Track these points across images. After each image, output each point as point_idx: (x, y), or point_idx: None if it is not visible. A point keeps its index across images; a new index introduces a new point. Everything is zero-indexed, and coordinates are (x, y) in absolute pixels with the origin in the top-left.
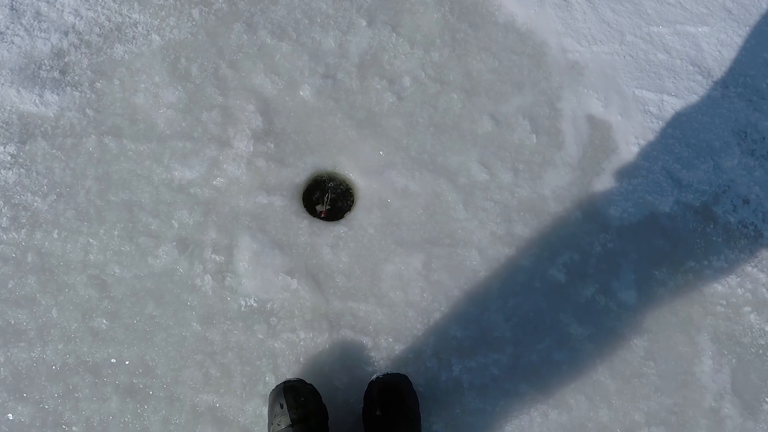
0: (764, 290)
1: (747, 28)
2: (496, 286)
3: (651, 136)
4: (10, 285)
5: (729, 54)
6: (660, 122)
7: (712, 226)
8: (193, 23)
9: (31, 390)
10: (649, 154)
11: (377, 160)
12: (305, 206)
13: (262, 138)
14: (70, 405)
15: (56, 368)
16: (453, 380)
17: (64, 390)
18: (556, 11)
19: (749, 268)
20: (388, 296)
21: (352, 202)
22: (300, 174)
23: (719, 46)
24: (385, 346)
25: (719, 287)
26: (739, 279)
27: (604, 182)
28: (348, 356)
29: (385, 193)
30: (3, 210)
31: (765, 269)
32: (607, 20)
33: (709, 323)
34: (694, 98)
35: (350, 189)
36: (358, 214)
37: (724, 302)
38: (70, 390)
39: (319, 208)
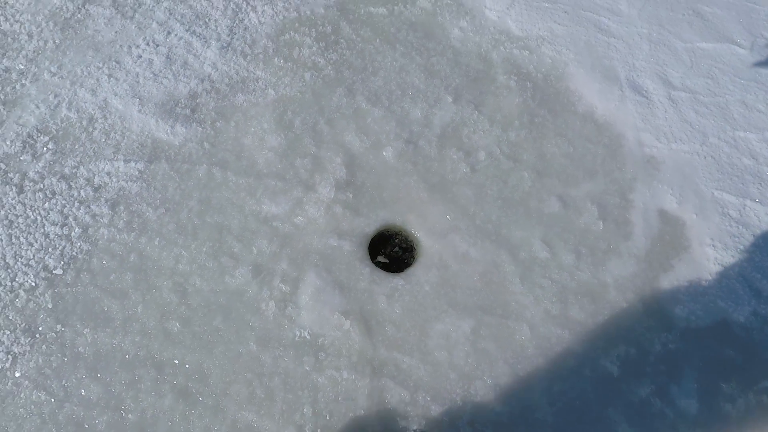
0: None
1: None
2: (544, 366)
3: (729, 240)
4: (111, 277)
5: None
6: (740, 227)
7: None
8: (304, 84)
9: (105, 372)
10: (724, 258)
11: (443, 223)
12: (370, 255)
13: (343, 187)
14: (132, 394)
15: (129, 358)
16: None
17: (131, 379)
18: (636, 107)
19: None
20: (433, 354)
21: (414, 258)
22: (371, 224)
23: None
24: (422, 403)
25: None
26: None
27: (671, 279)
28: (384, 405)
29: (446, 254)
30: (123, 214)
31: None
32: (689, 120)
33: None
34: None
35: (413, 246)
36: (417, 271)
37: None
38: (135, 380)
39: (380, 258)
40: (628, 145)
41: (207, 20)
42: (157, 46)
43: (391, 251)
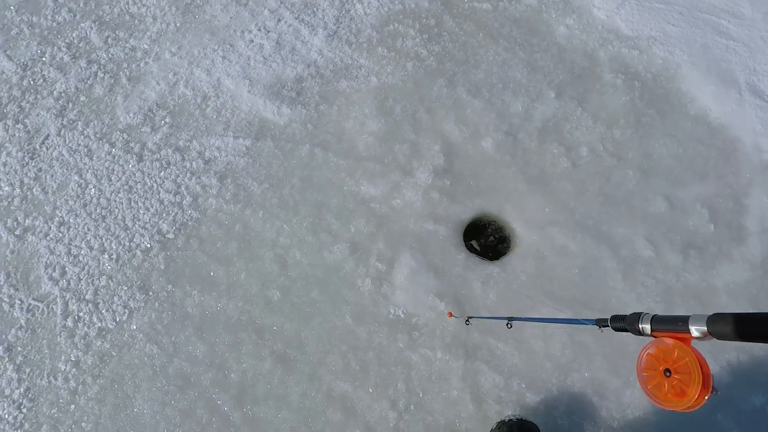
0: None
1: None
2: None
3: None
4: (218, 245)
5: None
6: None
7: None
8: (406, 73)
9: (210, 333)
10: None
11: (541, 215)
12: (465, 241)
13: (440, 174)
14: (234, 355)
15: (233, 321)
16: None
17: (233, 341)
18: (756, 111)
19: None
20: (528, 343)
21: (509, 247)
22: (467, 211)
23: None
24: (517, 389)
25: None
26: None
27: None
28: (478, 388)
29: (543, 246)
30: (230, 187)
31: None
32: None
33: None
34: None
35: (509, 235)
36: (513, 260)
37: None
38: (238, 342)
39: (474, 244)
40: (744, 150)
41: (315, 9)
42: (268, 32)
43: (486, 241)
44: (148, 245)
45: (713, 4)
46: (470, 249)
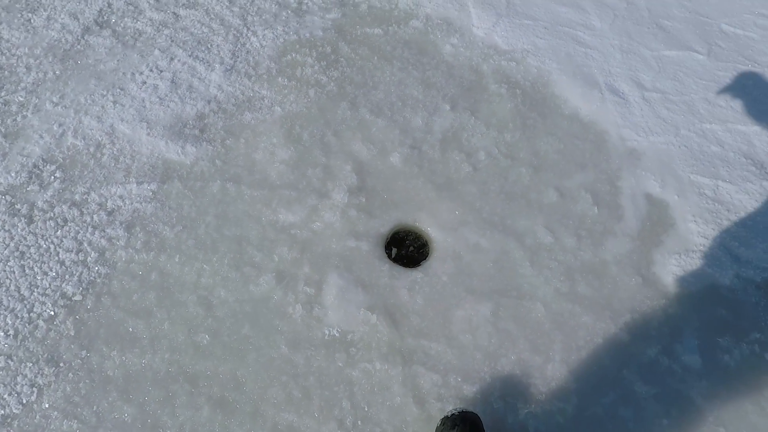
0: None
1: None
2: (560, 339)
3: (708, 216)
4: (134, 298)
5: None
6: (716, 204)
7: None
8: (309, 100)
9: (137, 393)
10: (706, 231)
11: (453, 218)
12: (387, 253)
13: (355, 193)
14: (168, 410)
15: (161, 375)
16: (519, 424)
17: (165, 396)
18: (615, 107)
19: None
20: (457, 338)
21: (428, 252)
22: (385, 224)
23: None
24: (454, 384)
25: None
26: None
27: (663, 253)
28: (419, 391)
29: (458, 247)
30: (139, 235)
31: None
32: (662, 116)
33: None
34: (748, 185)
35: (427, 241)
36: (433, 264)
37: None
38: (170, 396)
39: (393, 253)
40: (611, 140)
41: (209, 45)
42: (161, 71)
43: (407, 252)
44: (52, 312)
45: (570, 18)
46: (394, 260)
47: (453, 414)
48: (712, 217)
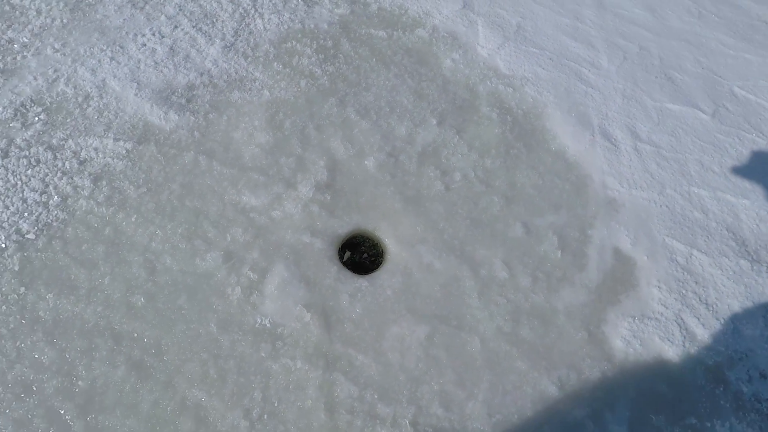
0: None
1: None
2: (488, 378)
3: (673, 284)
4: (83, 247)
5: (767, 230)
6: (685, 273)
7: (722, 388)
8: (299, 89)
9: (62, 339)
10: (667, 300)
11: (413, 234)
12: (339, 255)
13: (322, 189)
14: (86, 362)
15: (88, 327)
16: None
17: (87, 347)
18: (605, 152)
19: None
20: (386, 355)
21: (380, 263)
22: (344, 227)
23: (758, 220)
24: (369, 400)
25: None
26: None
27: (617, 313)
28: (333, 398)
29: (411, 263)
30: (104, 189)
31: None
32: (650, 171)
33: None
34: (724, 261)
35: (382, 252)
36: (382, 275)
37: None
38: (92, 348)
39: (345, 256)
40: (593, 186)
41: (214, 20)
42: (163, 37)
43: (359, 258)
44: (3, 245)
45: (578, 53)
46: (345, 263)
47: None
48: (678, 287)
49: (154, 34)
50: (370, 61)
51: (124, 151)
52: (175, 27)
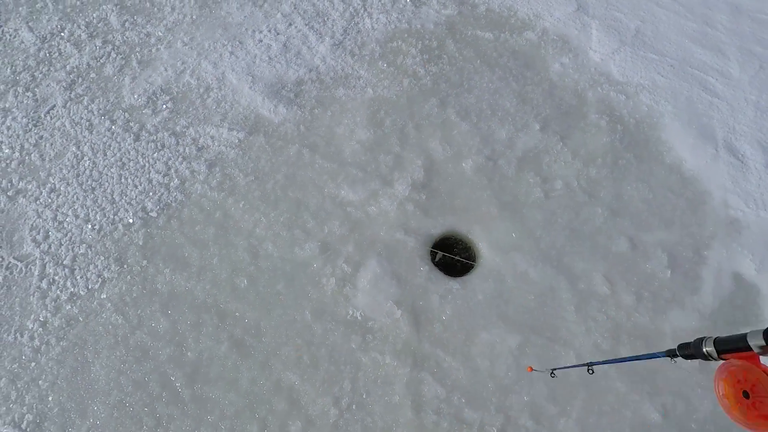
0: None
1: None
2: (583, 396)
3: None
4: (197, 228)
5: None
6: None
7: None
8: (401, 89)
9: (175, 311)
10: None
11: (508, 240)
12: (431, 255)
13: (418, 188)
14: (194, 335)
15: (198, 302)
16: None
17: (196, 321)
18: (728, 168)
19: None
20: (475, 360)
21: (472, 266)
22: (437, 227)
23: None
24: (456, 403)
25: None
26: None
27: None
28: (420, 397)
29: (504, 270)
30: (217, 175)
31: None
32: None
33: None
34: None
35: (474, 255)
36: (474, 279)
37: None
38: (200, 323)
39: (437, 255)
40: (712, 204)
41: (326, 19)
42: (278, 34)
43: (451, 260)
44: (131, 220)
45: (704, 61)
46: (436, 264)
47: None
48: None
49: (270, 31)
50: (474, 63)
51: (237, 141)
52: (290, 24)
